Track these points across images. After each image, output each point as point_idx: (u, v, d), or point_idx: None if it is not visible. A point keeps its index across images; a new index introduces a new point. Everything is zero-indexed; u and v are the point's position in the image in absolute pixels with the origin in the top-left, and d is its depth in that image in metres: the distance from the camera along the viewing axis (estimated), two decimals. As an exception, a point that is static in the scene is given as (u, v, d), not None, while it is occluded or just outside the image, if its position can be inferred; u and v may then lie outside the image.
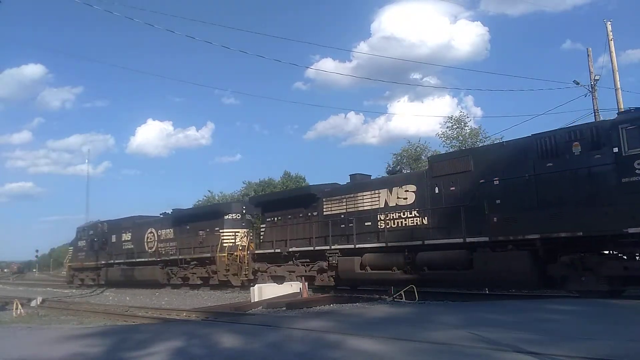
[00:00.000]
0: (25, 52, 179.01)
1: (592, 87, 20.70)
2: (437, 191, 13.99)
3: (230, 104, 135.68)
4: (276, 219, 19.72)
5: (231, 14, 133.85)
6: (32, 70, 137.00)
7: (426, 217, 14.11)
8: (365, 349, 5.86)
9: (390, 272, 14.42)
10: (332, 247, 16.38)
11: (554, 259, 11.37)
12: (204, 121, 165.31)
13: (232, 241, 21.71)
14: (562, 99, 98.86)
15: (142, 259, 25.83)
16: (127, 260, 27.04)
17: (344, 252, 16.14)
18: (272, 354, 5.97)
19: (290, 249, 18.08)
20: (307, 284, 18.60)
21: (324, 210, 17.53)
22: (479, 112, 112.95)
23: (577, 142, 11.38)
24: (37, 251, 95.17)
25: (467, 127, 29.46)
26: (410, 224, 14.54)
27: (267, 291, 14.68)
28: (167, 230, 24.95)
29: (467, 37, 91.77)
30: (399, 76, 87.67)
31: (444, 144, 29.06)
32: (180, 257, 23.35)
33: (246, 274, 20.48)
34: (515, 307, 9.89)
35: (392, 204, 15.19)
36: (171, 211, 26.04)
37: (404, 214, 14.73)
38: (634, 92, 78.90)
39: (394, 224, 14.97)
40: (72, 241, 33.55)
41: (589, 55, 21.07)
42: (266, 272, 19.34)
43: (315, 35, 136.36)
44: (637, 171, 10.26)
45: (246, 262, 20.74)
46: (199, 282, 22.79)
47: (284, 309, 12.19)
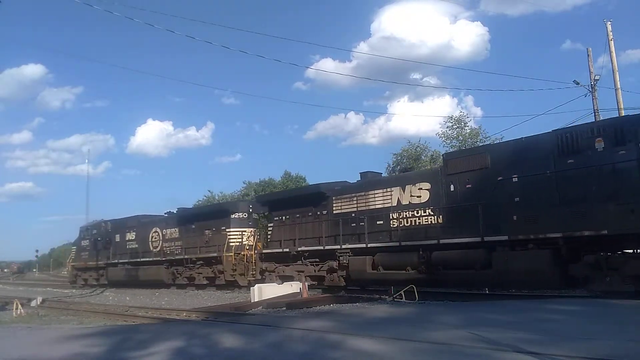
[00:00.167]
0: (25, 52, 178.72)
1: (592, 87, 20.66)
2: (452, 189, 13.64)
3: (230, 104, 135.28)
4: (284, 217, 19.39)
5: (231, 14, 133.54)
6: (32, 70, 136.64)
7: (441, 216, 13.76)
8: (365, 349, 5.84)
9: (404, 272, 14.08)
10: (343, 247, 16.05)
11: (576, 258, 11.03)
12: (204, 121, 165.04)
13: (239, 240, 21.40)
14: (562, 99, 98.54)
15: (147, 259, 25.50)
16: (131, 260, 26.64)
17: (355, 252, 15.80)
18: (272, 354, 5.97)
19: (299, 249, 17.75)
20: (316, 283, 18.51)
21: (334, 208, 17.19)
22: (479, 112, 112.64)
23: (600, 138, 11.07)
24: (37, 251, 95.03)
25: (467, 127, 29.47)
26: (424, 223, 14.20)
27: (267, 291, 14.57)
28: (172, 229, 24.58)
29: (467, 37, 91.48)
30: (399, 76, 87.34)
31: (444, 143, 29.14)
32: (185, 256, 23.01)
33: (253, 274, 20.18)
34: (515, 307, 9.82)
35: (405, 202, 14.84)
36: (176, 210, 25.69)
37: (418, 213, 14.39)
38: (634, 92, 78.53)
39: (407, 223, 14.63)
40: (75, 240, 33.24)
41: (589, 55, 21.05)
42: (274, 271, 19.03)
43: (315, 35, 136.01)
44: (664, 167, 9.94)
45: (253, 261, 20.44)
46: (205, 282, 22.45)
47: (284, 309, 12.13)
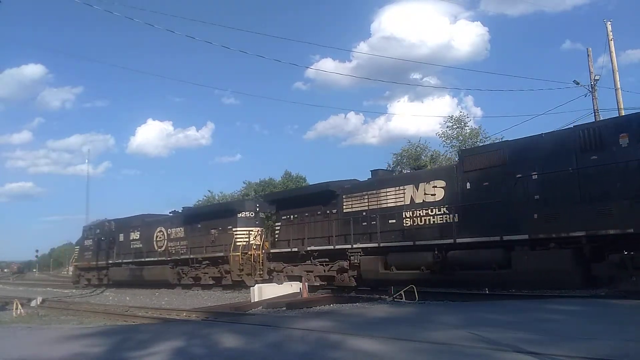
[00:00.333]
0: (25, 52, 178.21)
1: (592, 87, 20.58)
2: (468, 187, 13.28)
3: (230, 104, 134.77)
4: (292, 216, 19.05)
5: (231, 14, 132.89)
6: (32, 70, 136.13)
7: (457, 214, 13.39)
8: (365, 349, 5.83)
9: (418, 271, 13.73)
10: (354, 246, 15.69)
11: (600, 257, 10.68)
12: (204, 121, 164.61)
13: (246, 240, 21.02)
14: (562, 99, 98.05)
15: (152, 259, 25.15)
16: (135, 259, 26.32)
17: (367, 251, 15.46)
18: (272, 354, 5.95)
19: (308, 248, 17.40)
20: (325, 283, 18.15)
21: (344, 207, 16.84)
22: (479, 112, 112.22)
23: (624, 134, 10.74)
24: (37, 251, 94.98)
25: (467, 127, 29.35)
26: (439, 222, 13.84)
27: (267, 291, 14.48)
28: (178, 228, 24.21)
29: (467, 37, 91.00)
30: (399, 76, 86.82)
31: (444, 143, 29.12)
32: (191, 256, 22.64)
33: (261, 274, 19.83)
34: (515, 307, 9.77)
35: (418, 201, 14.48)
36: (181, 210, 25.35)
37: (432, 211, 14.03)
38: (634, 92, 78.20)
39: (421, 222, 14.28)
40: (78, 240, 32.88)
41: (589, 55, 20.96)
42: (282, 271, 18.69)
43: (315, 35, 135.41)
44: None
45: (261, 261, 20.09)
46: (211, 282, 22.08)
47: (284, 309, 12.09)
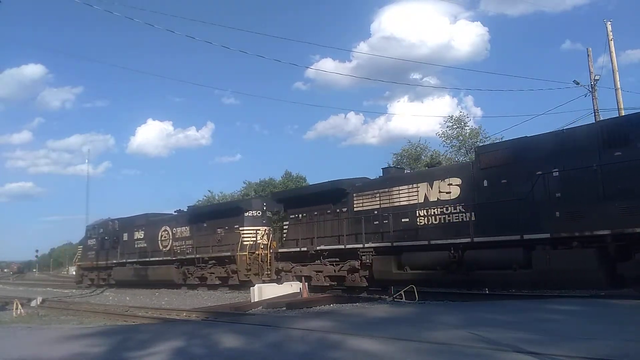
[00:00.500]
0: (25, 52, 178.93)
1: (592, 87, 20.49)
2: (485, 184, 12.91)
3: (230, 104, 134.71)
4: (300, 215, 18.68)
5: (231, 14, 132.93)
6: (32, 70, 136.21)
7: (474, 213, 13.01)
8: (365, 349, 5.82)
9: (433, 272, 13.37)
10: (366, 245, 15.33)
11: (626, 256, 10.31)
12: (204, 121, 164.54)
13: (253, 239, 20.68)
14: (562, 99, 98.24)
15: (156, 258, 24.79)
16: (139, 259, 25.96)
17: (379, 251, 15.09)
18: (272, 354, 5.95)
19: (318, 248, 17.03)
20: (335, 284, 17.79)
21: (355, 205, 16.47)
22: (479, 112, 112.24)
23: (649, 129, 10.36)
24: (37, 251, 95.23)
25: (467, 127, 29.28)
26: (454, 220, 13.47)
27: (267, 291, 14.46)
28: (183, 228, 23.85)
29: (467, 37, 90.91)
30: (398, 76, 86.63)
31: (444, 143, 29.14)
32: (197, 256, 22.28)
33: (269, 274, 19.48)
34: (515, 307, 9.75)
35: (433, 199, 14.12)
36: (187, 208, 25.00)
37: (447, 209, 13.66)
38: (634, 92, 77.94)
39: (436, 220, 13.91)
40: (81, 240, 32.63)
41: (589, 55, 20.86)
42: (291, 271, 18.33)
43: (315, 35, 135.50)
44: None
45: (268, 261, 19.74)
46: (217, 282, 21.74)
47: (284, 309, 12.07)
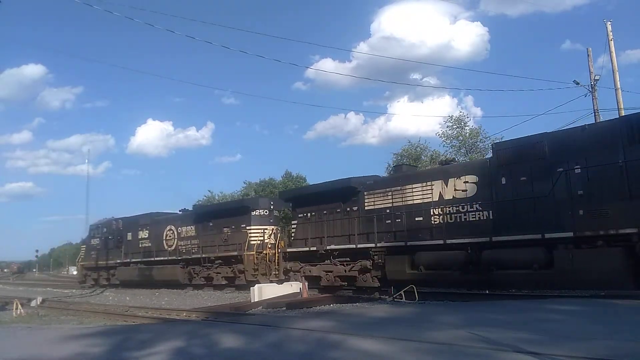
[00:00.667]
0: (25, 52, 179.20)
1: (592, 87, 20.37)
2: (504, 182, 12.54)
3: (230, 104, 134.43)
4: (309, 214, 18.31)
5: (231, 14, 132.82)
6: (32, 70, 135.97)
7: (491, 211, 12.65)
8: (365, 349, 5.82)
9: (449, 272, 13.00)
10: (378, 245, 14.97)
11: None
12: (204, 121, 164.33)
13: (260, 239, 20.34)
14: (562, 99, 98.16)
15: (161, 258, 24.44)
16: (144, 259, 25.62)
17: (391, 250, 14.73)
18: (272, 354, 5.94)
19: (328, 247, 16.67)
20: (346, 284, 17.44)
21: (366, 204, 16.11)
22: (478, 112, 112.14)
23: (678, 124, 10.00)
24: (37, 251, 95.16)
25: (467, 127, 29.04)
26: (471, 219, 13.11)
27: (267, 291, 14.44)
28: (188, 227, 23.50)
29: (466, 37, 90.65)
30: (398, 76, 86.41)
31: (444, 143, 28.95)
32: (203, 255, 21.93)
33: (276, 274, 19.14)
34: (515, 307, 9.76)
35: (448, 197, 13.75)
36: (192, 207, 24.64)
37: (464, 208, 13.30)
38: (634, 92, 77.46)
39: (451, 219, 13.54)
40: (84, 239, 32.29)
41: (589, 55, 20.71)
42: (299, 271, 17.96)
43: (315, 35, 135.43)
44: None
45: (276, 261, 19.40)
46: (223, 282, 21.40)
47: (284, 309, 12.07)
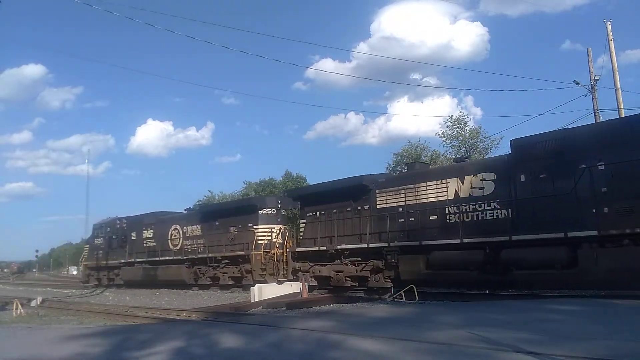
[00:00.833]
0: (25, 52, 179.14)
1: (592, 87, 20.31)
2: (523, 179, 12.18)
3: (230, 104, 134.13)
4: (318, 213, 17.95)
5: (231, 14, 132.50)
6: (32, 70, 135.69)
7: (510, 209, 12.30)
8: (365, 349, 5.81)
9: (466, 272, 12.65)
10: (392, 244, 14.61)
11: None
12: (204, 121, 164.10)
13: (268, 238, 19.99)
14: (562, 99, 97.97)
15: (166, 258, 24.10)
16: (149, 258, 25.30)
17: (405, 250, 14.37)
18: (273, 354, 5.93)
19: (338, 247, 16.31)
20: (356, 284, 17.09)
21: (378, 202, 15.75)
22: (478, 112, 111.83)
23: None
24: (37, 251, 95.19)
25: (467, 127, 28.88)
26: (488, 217, 12.75)
27: (267, 291, 14.46)
28: (194, 226, 23.17)
29: (466, 37, 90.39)
30: (398, 76, 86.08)
31: (444, 143, 28.85)
32: (209, 255, 21.60)
33: (285, 274, 18.79)
34: (515, 307, 9.74)
35: (464, 195, 13.39)
36: (198, 206, 24.30)
37: (481, 206, 12.94)
38: (633, 92, 77.14)
39: (467, 218, 13.18)
40: (87, 239, 32.00)
41: (588, 55, 20.65)
42: (308, 271, 17.62)
43: (315, 35, 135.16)
44: None
45: (284, 260, 19.05)
46: (230, 282, 21.05)
47: (284, 309, 12.08)
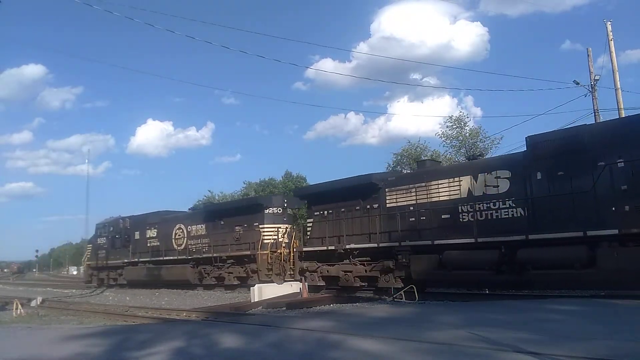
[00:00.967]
0: (25, 52, 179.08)
1: (592, 87, 20.23)
2: (539, 177, 11.90)
3: (230, 104, 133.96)
4: (326, 212, 17.66)
5: (231, 14, 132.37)
6: (32, 70, 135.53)
7: (526, 208, 12.02)
8: (365, 349, 5.81)
9: (480, 272, 12.36)
10: (402, 244, 14.33)
11: None
12: (204, 121, 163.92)
13: (274, 237, 19.73)
14: (562, 99, 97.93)
15: (171, 257, 23.83)
16: (152, 258, 25.04)
17: (417, 250, 14.09)
18: (273, 354, 5.91)
19: (347, 246, 16.03)
20: (366, 284, 16.81)
21: (387, 201, 15.46)
22: (478, 112, 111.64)
23: None
24: (37, 251, 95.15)
25: (467, 127, 28.65)
26: (503, 216, 12.46)
27: (267, 291, 14.45)
28: (199, 225, 22.90)
29: (466, 37, 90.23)
30: (398, 76, 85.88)
31: (444, 143, 28.63)
32: (214, 255, 21.32)
33: (292, 274, 18.53)
34: (515, 307, 9.74)
35: (477, 193, 13.10)
36: (203, 205, 24.03)
37: (495, 205, 12.65)
38: (634, 92, 76.99)
39: (481, 216, 12.88)
40: (90, 238, 31.75)
41: (588, 55, 20.57)
42: (316, 271, 17.34)
43: (315, 35, 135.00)
44: None
45: (291, 260, 18.79)
46: (236, 282, 20.79)
47: (284, 309, 12.08)
